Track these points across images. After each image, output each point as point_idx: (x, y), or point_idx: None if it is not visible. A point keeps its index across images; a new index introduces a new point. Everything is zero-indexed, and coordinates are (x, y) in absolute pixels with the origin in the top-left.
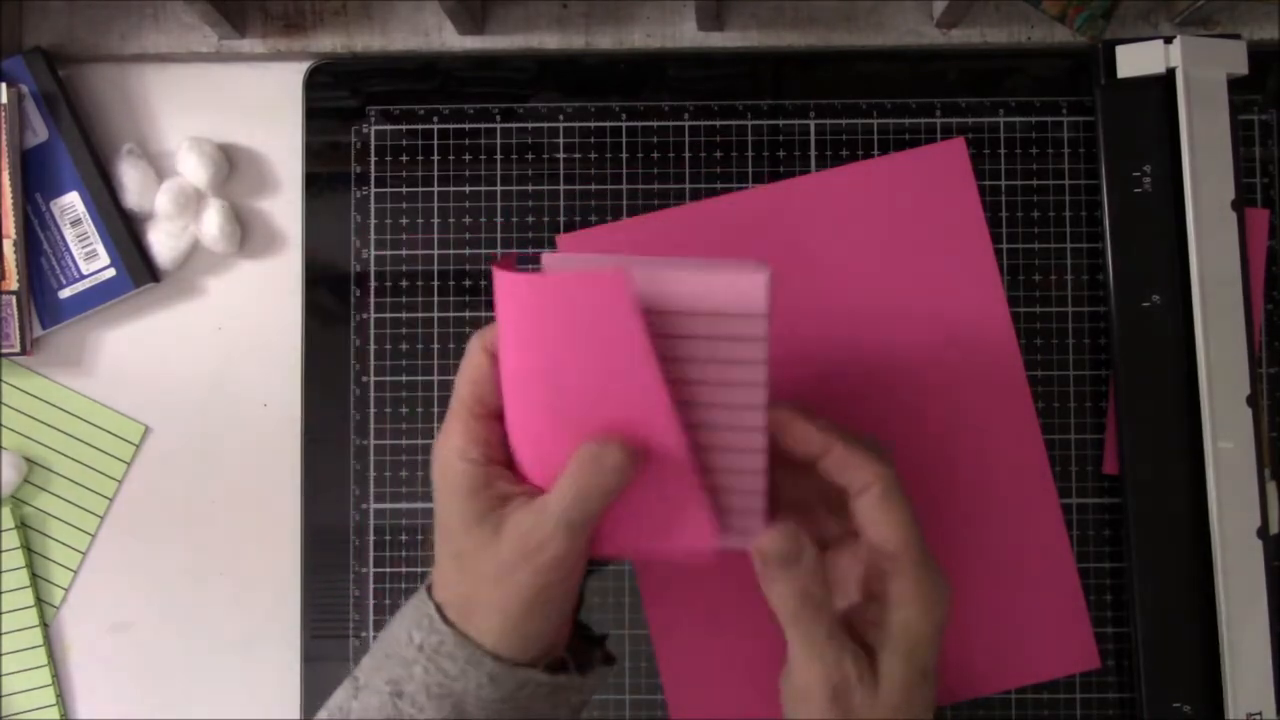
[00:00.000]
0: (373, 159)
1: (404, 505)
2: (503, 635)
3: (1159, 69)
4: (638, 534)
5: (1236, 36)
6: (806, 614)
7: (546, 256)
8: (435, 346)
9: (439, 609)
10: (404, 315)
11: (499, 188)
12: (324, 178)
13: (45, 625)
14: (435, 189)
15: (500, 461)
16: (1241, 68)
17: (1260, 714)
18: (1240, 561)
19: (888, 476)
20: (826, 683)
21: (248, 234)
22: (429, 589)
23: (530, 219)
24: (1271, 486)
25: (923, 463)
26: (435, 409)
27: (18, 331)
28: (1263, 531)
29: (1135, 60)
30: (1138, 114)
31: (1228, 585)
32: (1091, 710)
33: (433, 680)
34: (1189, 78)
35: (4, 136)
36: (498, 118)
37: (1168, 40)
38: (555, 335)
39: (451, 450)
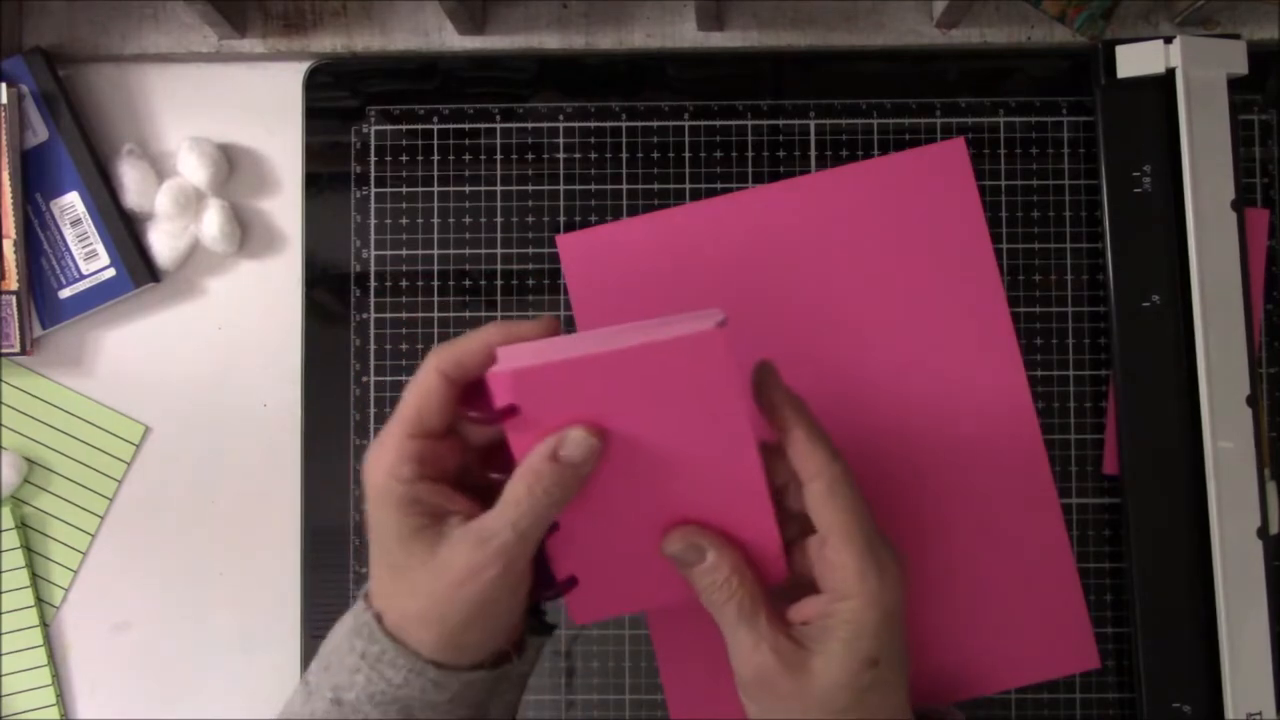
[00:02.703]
0: (373, 159)
1: None
2: (440, 648)
3: (1159, 69)
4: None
5: (1236, 36)
6: (715, 604)
7: (499, 354)
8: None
9: (378, 618)
10: (404, 315)
11: (499, 188)
12: (324, 178)
13: (45, 625)
14: (435, 189)
15: (432, 478)
16: (1241, 68)
17: (1260, 714)
18: (1240, 561)
19: (834, 470)
20: (745, 667)
21: (248, 234)
22: (366, 596)
23: (530, 219)
24: (1271, 486)
25: (922, 463)
26: None
27: (18, 331)
28: (1263, 531)
29: (1135, 60)
30: (1138, 114)
31: (1228, 585)
32: (1091, 710)
33: (376, 689)
34: (1189, 78)
35: (4, 136)
36: (498, 118)
37: (1167, 40)
38: (634, 410)
39: (382, 468)
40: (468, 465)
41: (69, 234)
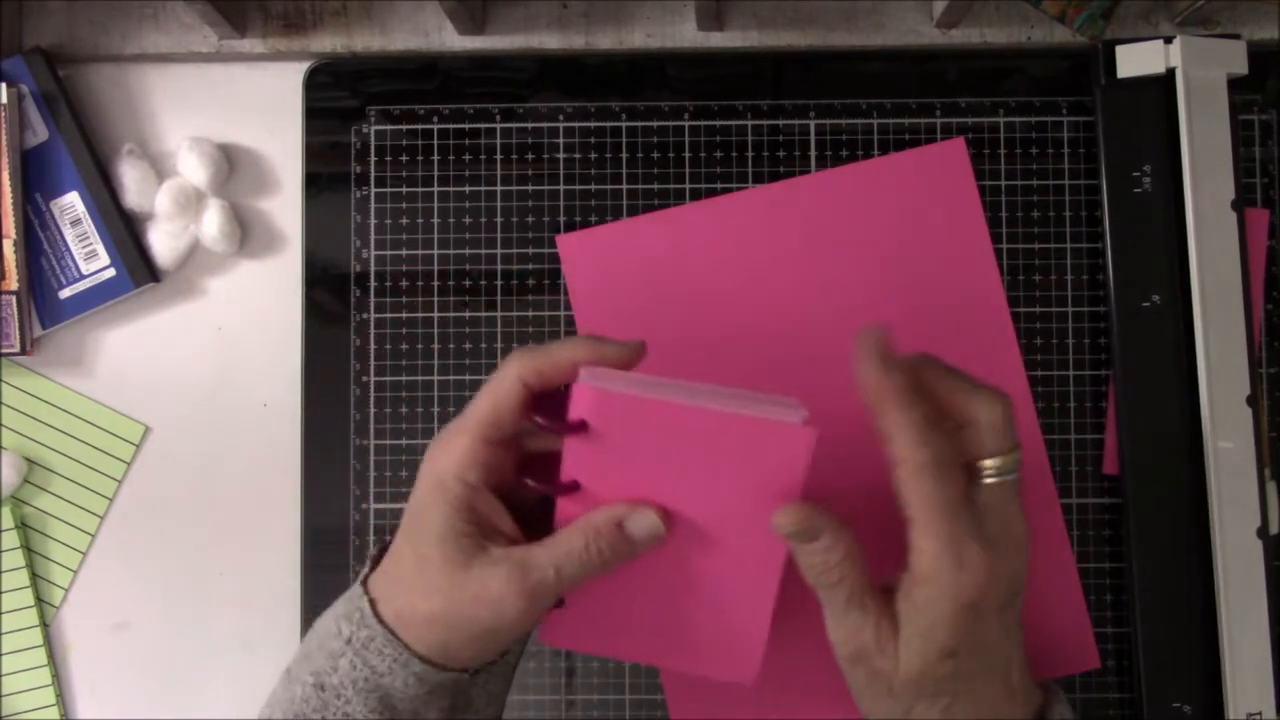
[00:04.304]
0: (373, 159)
1: (404, 505)
2: (435, 651)
3: (1159, 69)
4: (679, 652)
5: (1236, 36)
6: (823, 585)
7: (584, 371)
8: (435, 346)
9: (373, 604)
10: (404, 315)
11: (499, 188)
12: (324, 178)
13: (45, 625)
14: (435, 189)
15: (494, 488)
16: (1241, 68)
17: (1260, 714)
18: (1240, 561)
19: (918, 457)
20: (845, 645)
21: (248, 234)
22: (365, 582)
23: (530, 219)
24: (1271, 486)
25: None
26: (435, 409)
27: (18, 331)
28: (1263, 531)
29: (1135, 60)
30: (1138, 114)
31: (1228, 585)
32: (1091, 710)
33: (360, 675)
34: (1189, 78)
35: (4, 136)
36: (498, 118)
37: (1168, 40)
38: (693, 471)
39: (451, 466)
40: (516, 489)
41: (69, 234)
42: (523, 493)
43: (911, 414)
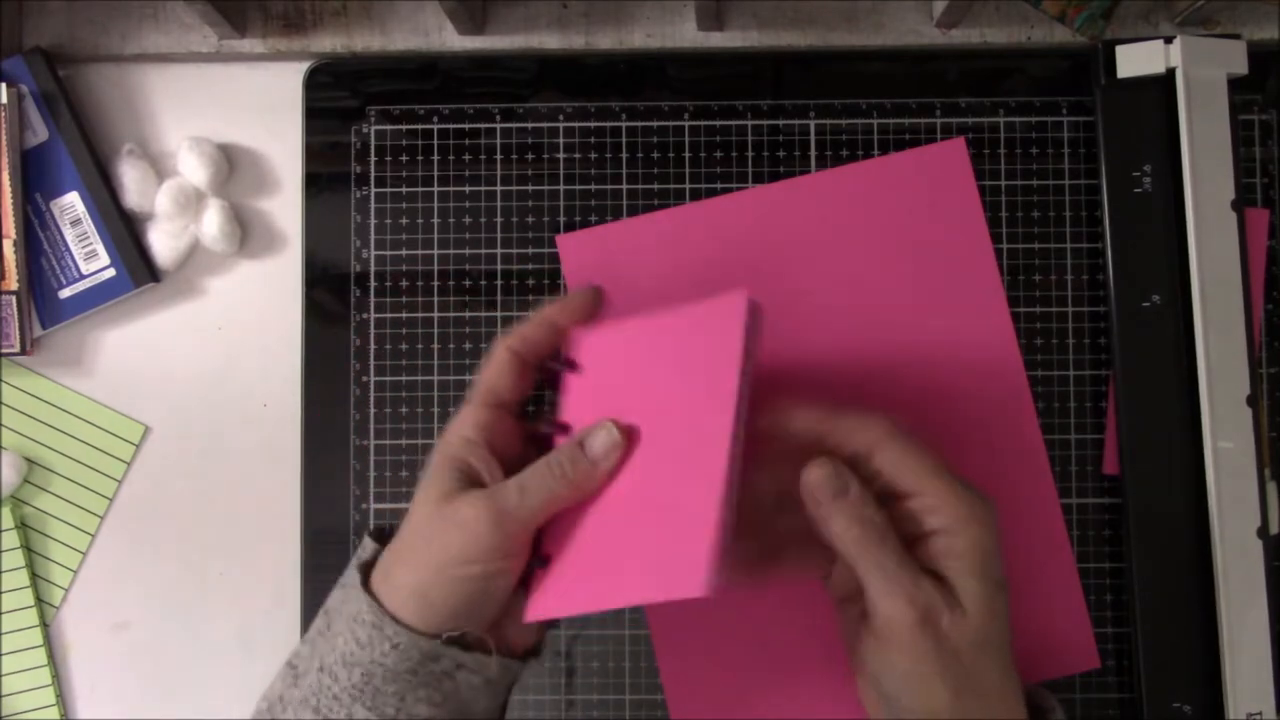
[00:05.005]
0: (373, 159)
1: (404, 505)
2: (411, 594)
3: (1159, 69)
4: (639, 575)
5: (1236, 36)
6: (873, 541)
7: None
8: (435, 346)
9: (364, 582)
10: (404, 315)
11: (499, 188)
12: (324, 178)
13: (45, 625)
14: (435, 189)
15: (491, 446)
16: (1241, 68)
17: (1260, 714)
18: (1240, 561)
19: (890, 427)
20: (911, 608)
21: (248, 234)
22: (362, 567)
23: (530, 219)
24: (1271, 486)
25: None
26: (435, 409)
27: (18, 331)
28: (1263, 531)
29: (1135, 60)
30: (1138, 114)
31: (1228, 585)
32: (1091, 710)
33: (348, 649)
34: (1189, 78)
35: (4, 136)
36: (498, 118)
37: (1168, 40)
38: (649, 379)
39: (452, 430)
40: (526, 457)
41: (69, 234)
42: (531, 454)
43: (845, 411)
